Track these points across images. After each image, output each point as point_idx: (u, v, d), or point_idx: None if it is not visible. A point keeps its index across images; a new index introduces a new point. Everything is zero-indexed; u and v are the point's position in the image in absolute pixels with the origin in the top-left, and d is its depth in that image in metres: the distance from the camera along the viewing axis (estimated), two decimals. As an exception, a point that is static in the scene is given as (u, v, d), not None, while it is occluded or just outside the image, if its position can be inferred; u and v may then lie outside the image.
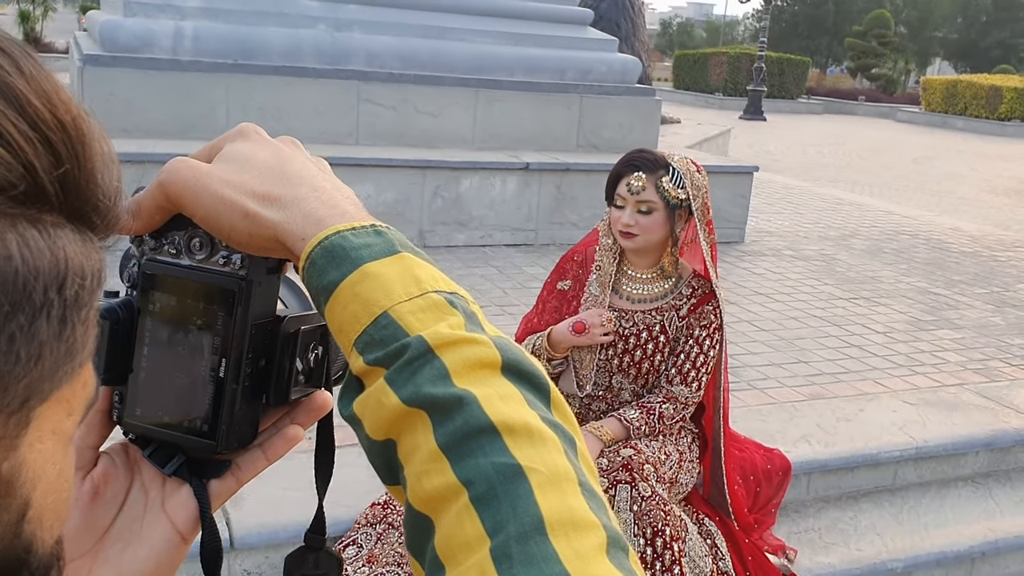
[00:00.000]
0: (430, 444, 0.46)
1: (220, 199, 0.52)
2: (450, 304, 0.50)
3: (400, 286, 0.49)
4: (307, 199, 0.52)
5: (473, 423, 0.46)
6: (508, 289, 4.95)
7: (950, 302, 5.37)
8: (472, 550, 0.43)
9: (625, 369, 2.62)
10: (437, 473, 0.45)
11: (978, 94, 26.67)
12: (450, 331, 0.48)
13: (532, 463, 0.45)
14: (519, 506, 0.43)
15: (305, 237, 0.51)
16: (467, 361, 0.48)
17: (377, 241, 0.51)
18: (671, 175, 2.53)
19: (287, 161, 0.54)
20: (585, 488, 0.45)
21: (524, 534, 0.42)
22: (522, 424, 0.46)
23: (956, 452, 3.40)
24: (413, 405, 0.47)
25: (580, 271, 2.73)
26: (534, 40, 6.44)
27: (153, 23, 5.38)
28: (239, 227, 0.52)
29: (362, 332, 0.49)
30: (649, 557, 2.32)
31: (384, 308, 0.49)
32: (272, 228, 0.52)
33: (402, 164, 5.52)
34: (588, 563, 0.42)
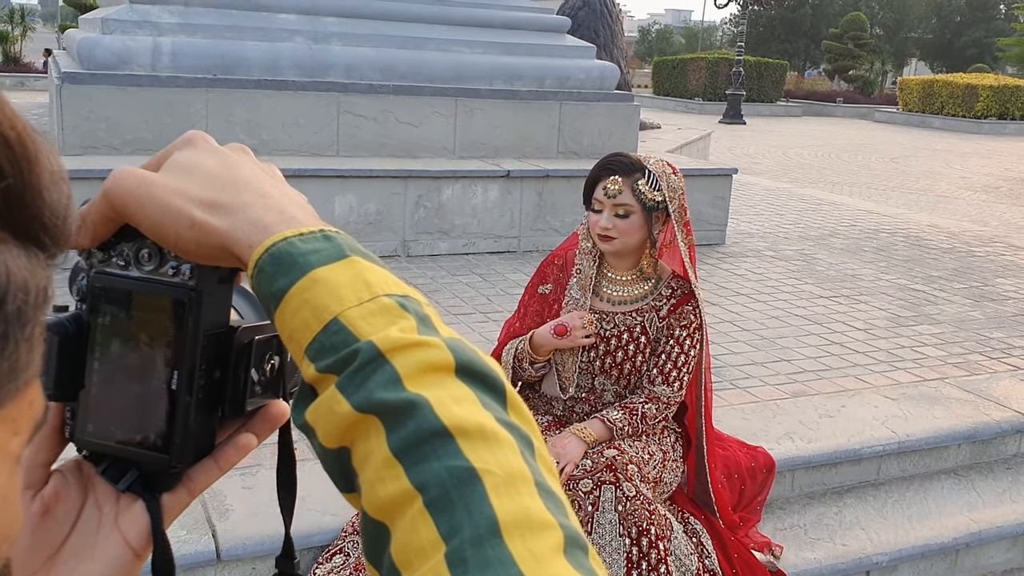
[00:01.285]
0: (383, 450, 0.45)
1: (166, 208, 0.51)
2: (401, 307, 0.49)
3: (350, 291, 0.49)
4: (253, 205, 0.52)
5: (426, 427, 0.45)
6: (492, 296, 4.97)
7: (929, 298, 5.43)
8: (427, 556, 0.43)
9: (607, 370, 2.64)
10: (391, 479, 0.45)
11: (954, 93, 26.92)
12: (401, 335, 0.48)
13: (486, 465, 0.44)
14: (473, 509, 0.43)
15: (252, 244, 0.50)
16: (419, 365, 0.47)
17: (326, 246, 0.50)
18: (647, 178, 2.56)
19: (234, 168, 0.54)
20: (542, 488, 0.45)
21: (479, 537, 0.42)
22: (476, 426, 0.46)
23: (938, 445, 3.44)
24: (365, 411, 0.46)
25: (561, 275, 2.76)
26: (512, 49, 6.47)
27: (131, 40, 5.38)
28: (186, 236, 0.52)
29: (312, 339, 0.48)
30: (635, 556, 2.34)
31: (334, 314, 0.48)
32: (219, 236, 0.51)
33: (383, 174, 5.53)
34: (544, 564, 0.42)
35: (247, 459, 2.61)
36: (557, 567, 0.42)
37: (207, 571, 2.44)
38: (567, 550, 0.43)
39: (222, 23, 5.66)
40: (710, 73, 29.91)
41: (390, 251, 5.64)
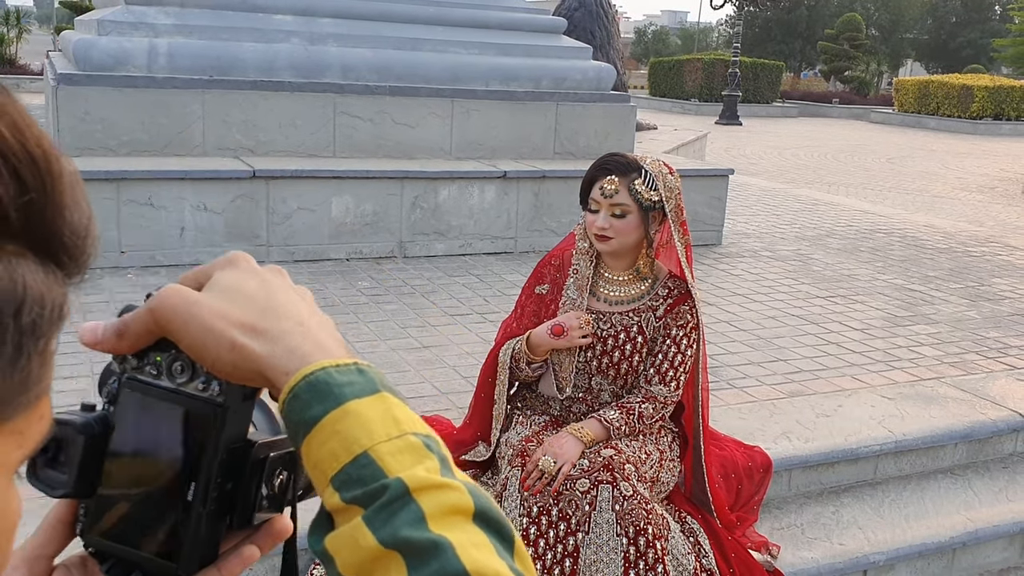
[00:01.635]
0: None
1: (208, 330, 0.52)
2: (427, 447, 0.51)
3: (380, 427, 0.50)
4: (292, 333, 0.53)
5: (449, 570, 0.46)
6: (489, 297, 4.96)
7: (926, 298, 5.44)
8: None
9: (604, 370, 2.64)
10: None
11: (950, 94, 26.96)
12: (427, 475, 0.49)
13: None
14: None
15: (288, 372, 0.52)
16: (442, 506, 0.48)
17: (360, 380, 0.52)
18: (644, 178, 2.56)
19: (274, 293, 0.55)
20: None
21: None
22: (493, 573, 0.47)
23: (935, 444, 3.44)
24: (390, 547, 0.47)
25: (558, 275, 2.76)
26: (509, 49, 6.48)
27: (127, 41, 5.37)
28: (225, 358, 0.53)
29: (340, 470, 0.49)
30: (632, 556, 2.34)
31: (364, 448, 0.49)
32: (257, 361, 0.53)
33: (380, 175, 5.53)
34: None
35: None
36: None
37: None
38: None
39: (218, 24, 5.65)
40: (706, 74, 29.91)
41: (387, 252, 5.64)
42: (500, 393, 2.76)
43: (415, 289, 5.02)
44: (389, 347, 4.07)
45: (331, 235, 5.44)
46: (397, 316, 4.52)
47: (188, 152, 5.39)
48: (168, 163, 5.13)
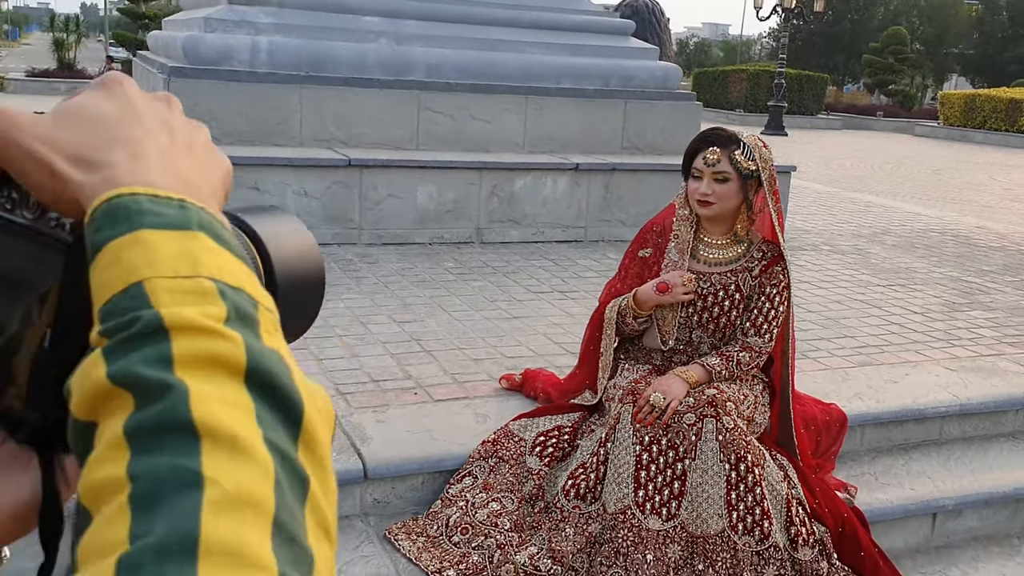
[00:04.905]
0: (118, 430, 0.39)
1: (28, 154, 0.48)
2: (221, 295, 0.43)
3: (169, 261, 0.43)
4: (119, 165, 0.47)
5: (170, 416, 0.39)
6: (566, 278, 5.29)
7: (982, 288, 5.68)
8: (104, 555, 0.36)
9: (704, 324, 2.95)
10: (110, 462, 0.39)
11: (997, 107, 26.85)
12: (196, 317, 0.41)
13: (216, 476, 0.37)
14: (176, 517, 0.36)
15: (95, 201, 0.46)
16: (199, 353, 0.40)
17: (173, 213, 0.45)
18: (742, 149, 2.88)
19: (125, 123, 0.49)
20: (280, 529, 0.37)
21: (165, 549, 0.35)
22: (229, 434, 0.39)
23: (997, 410, 3.70)
24: (118, 383, 0.40)
25: (660, 240, 3.08)
26: (580, 50, 6.82)
27: (231, 38, 5.79)
28: (46, 186, 0.48)
29: (109, 299, 0.43)
30: (734, 479, 2.65)
31: (140, 278, 0.42)
32: (74, 191, 0.47)
33: (461, 165, 5.89)
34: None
35: (377, 399, 3.07)
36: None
37: (355, 488, 2.79)
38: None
39: (313, 24, 6.06)
40: (751, 85, 30.06)
41: (465, 238, 5.99)
42: (607, 346, 3.08)
43: (496, 270, 5.37)
44: (483, 316, 4.41)
45: (416, 221, 5.80)
46: (484, 292, 4.86)
47: (286, 143, 5.79)
48: (272, 151, 5.53)
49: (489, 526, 2.72)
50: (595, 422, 3.05)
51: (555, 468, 2.91)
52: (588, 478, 2.75)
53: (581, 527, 2.69)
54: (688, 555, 2.64)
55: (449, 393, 3.33)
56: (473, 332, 4.13)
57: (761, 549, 2.64)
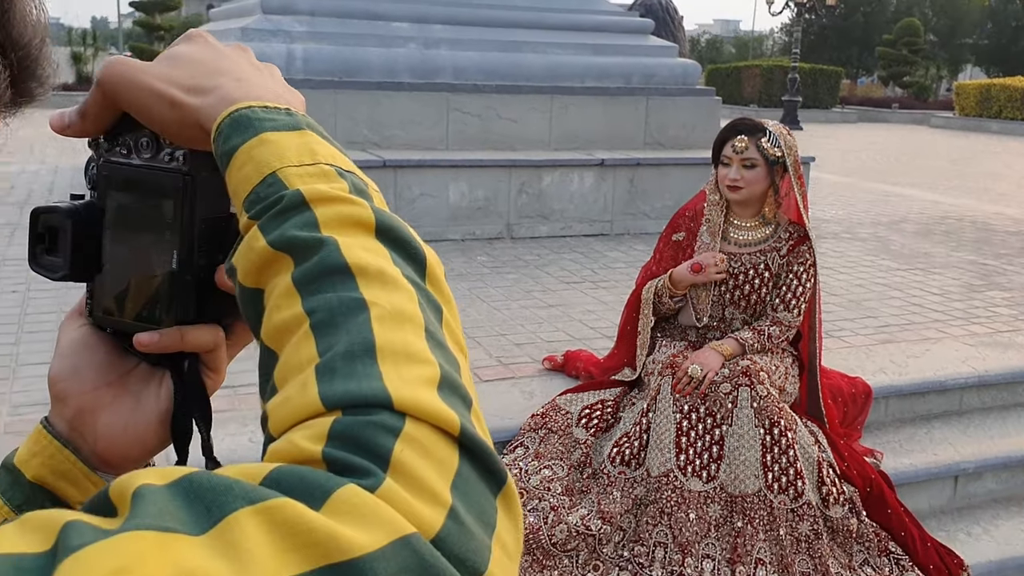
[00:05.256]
0: (286, 282, 0.47)
1: (150, 91, 0.55)
2: (339, 175, 0.51)
3: (294, 154, 0.51)
4: (226, 86, 0.55)
5: (329, 263, 0.47)
6: (596, 269, 5.50)
7: (999, 270, 5.85)
8: (302, 370, 0.44)
9: (736, 302, 3.16)
10: (287, 307, 0.46)
11: (1012, 96, 26.83)
12: (328, 189, 0.50)
13: (376, 299, 0.45)
14: (353, 331, 0.44)
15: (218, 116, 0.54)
16: (338, 215, 0.49)
17: (284, 118, 0.53)
18: (768, 137, 3.09)
19: (220, 59, 0.58)
20: (432, 336, 0.45)
21: (351, 353, 0.43)
22: (377, 269, 0.47)
23: (1014, 381, 3.89)
24: (278, 248, 0.48)
25: (692, 224, 3.29)
26: (601, 49, 7.04)
27: (267, 47, 6.04)
28: (168, 117, 0.56)
29: (251, 191, 0.51)
30: (768, 443, 2.86)
31: (273, 169, 0.50)
32: (194, 113, 0.55)
33: (491, 164, 6.12)
34: (410, 387, 0.42)
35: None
36: (424, 394, 0.42)
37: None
38: (441, 388, 0.43)
39: (345, 31, 6.31)
40: (765, 80, 30.15)
41: (495, 233, 6.22)
42: (644, 325, 3.30)
43: (528, 263, 5.59)
44: (520, 305, 4.63)
45: (449, 218, 6.04)
46: (519, 284, 5.08)
47: (323, 145, 6.03)
48: (310, 153, 5.78)
49: (542, 490, 2.94)
50: (635, 396, 3.26)
51: (600, 438, 3.13)
52: (632, 445, 2.97)
53: (627, 490, 2.91)
54: (728, 513, 2.85)
55: (496, 374, 3.56)
56: (512, 320, 4.35)
57: (795, 507, 2.85)
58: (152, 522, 0.34)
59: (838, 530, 2.91)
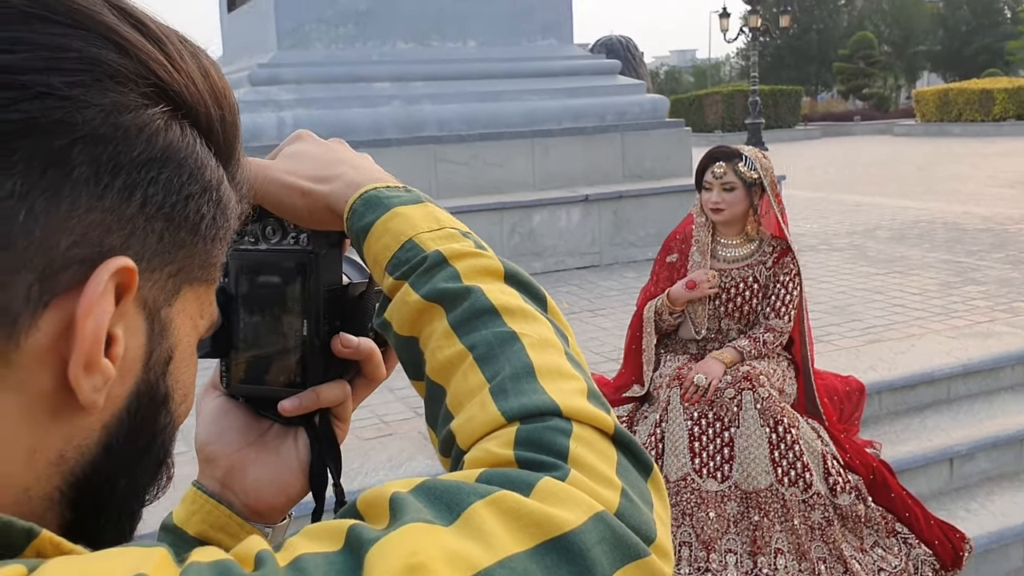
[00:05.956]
0: (444, 326, 0.55)
1: (282, 185, 0.64)
2: (463, 235, 0.60)
3: (423, 222, 0.60)
4: (348, 174, 0.64)
5: (478, 306, 0.55)
6: (592, 299, 5.76)
7: (972, 267, 6.15)
8: (474, 394, 0.52)
9: (731, 313, 3.42)
10: (448, 346, 0.55)
11: (970, 99, 27.51)
12: (461, 247, 0.58)
13: (525, 331, 0.54)
14: (512, 358, 0.52)
15: (348, 199, 0.62)
16: (475, 267, 0.57)
17: (406, 194, 0.62)
18: (745, 161, 3.37)
19: (333, 152, 0.67)
20: (570, 358, 0.55)
21: (517, 375, 0.51)
22: (518, 307, 0.56)
23: (996, 367, 4.15)
24: (430, 299, 0.56)
25: (683, 246, 3.56)
26: (575, 92, 7.37)
27: (259, 117, 6.32)
28: (299, 205, 0.64)
29: (392, 257, 0.58)
30: (774, 440, 3.09)
31: (409, 236, 0.58)
32: (324, 199, 0.63)
33: (483, 208, 6.39)
34: (570, 398, 0.51)
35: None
36: (580, 402, 0.51)
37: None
38: (589, 397, 0.52)
39: (331, 95, 6.61)
40: (727, 106, 30.77)
41: (492, 275, 6.47)
42: (648, 342, 3.54)
43: (526, 300, 5.83)
44: (526, 340, 4.86)
45: (446, 264, 6.29)
46: (521, 320, 5.32)
47: (319, 205, 6.29)
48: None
49: (571, 504, 3.15)
50: (647, 410, 3.50)
51: (619, 452, 3.35)
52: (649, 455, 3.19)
53: (649, 497, 3.13)
54: (744, 509, 3.08)
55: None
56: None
57: (806, 497, 3.08)
58: (417, 516, 0.42)
59: (848, 516, 3.14)
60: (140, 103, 0.42)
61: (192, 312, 0.47)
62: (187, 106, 0.45)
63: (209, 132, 0.46)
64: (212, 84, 0.46)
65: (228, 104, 0.48)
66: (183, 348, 0.47)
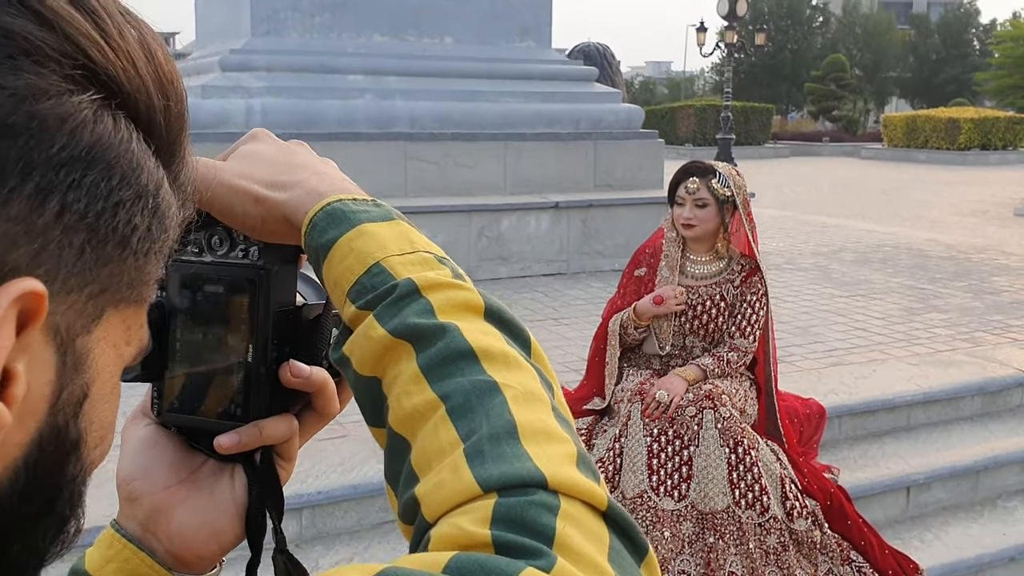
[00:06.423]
0: (412, 368, 0.48)
1: (233, 189, 0.56)
2: (440, 261, 0.54)
3: (394, 243, 0.53)
4: (309, 180, 0.57)
5: (453, 347, 0.48)
6: (557, 307, 5.71)
7: (935, 294, 6.19)
8: (446, 454, 0.45)
9: (696, 331, 3.38)
10: (417, 393, 0.47)
11: (937, 127, 27.95)
12: (436, 276, 0.52)
13: (507, 381, 0.47)
14: (493, 414, 0.45)
15: (308, 210, 0.55)
16: (451, 301, 0.50)
17: (375, 209, 0.55)
18: (718, 178, 3.33)
19: (293, 155, 0.60)
20: (557, 413, 0.48)
21: (496, 435, 0.44)
22: (500, 352, 0.49)
23: (956, 396, 4.16)
24: (398, 336, 0.49)
25: (652, 260, 3.51)
26: (551, 97, 7.32)
27: (227, 103, 6.19)
28: (252, 212, 0.57)
29: (355, 282, 0.51)
30: (734, 461, 3.06)
31: (377, 259, 0.52)
32: (280, 208, 0.56)
33: (451, 209, 6.32)
34: (557, 465, 0.44)
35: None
36: (570, 471, 0.44)
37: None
38: (579, 464, 0.45)
39: (302, 85, 6.49)
40: (699, 119, 30.96)
41: (457, 277, 6.39)
42: (612, 355, 3.49)
43: (490, 304, 5.76)
44: (487, 345, 4.79)
45: (410, 263, 6.20)
46: (484, 324, 5.25)
47: (284, 196, 6.17)
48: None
49: (525, 517, 3.09)
50: (607, 423, 3.44)
51: (576, 465, 3.29)
52: (606, 470, 3.14)
53: (605, 513, 3.07)
54: (700, 530, 3.04)
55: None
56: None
57: (762, 521, 3.04)
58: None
59: (803, 542, 3.10)
60: (63, 88, 0.34)
61: (117, 338, 0.40)
62: (123, 94, 0.37)
63: (149, 125, 0.38)
64: (157, 67, 0.38)
65: (175, 92, 0.40)
66: (103, 382, 0.39)
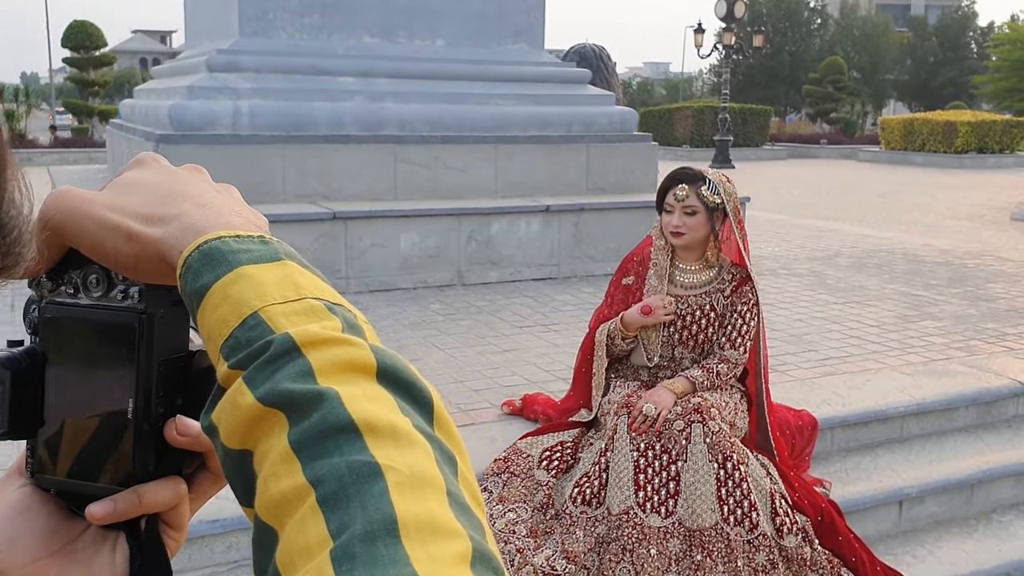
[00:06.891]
0: (282, 445, 0.41)
1: (102, 224, 0.50)
2: (329, 311, 0.46)
3: (276, 289, 0.46)
4: (189, 213, 0.50)
5: (331, 420, 0.41)
6: (547, 313, 5.63)
7: (930, 301, 6.12)
8: (312, 555, 0.38)
9: (685, 342, 3.30)
10: (286, 475, 0.40)
11: (934, 130, 27.91)
12: (320, 330, 0.44)
13: (392, 463, 0.40)
14: (369, 505, 0.38)
15: (183, 248, 0.48)
16: (335, 361, 0.43)
17: (260, 248, 0.48)
18: (708, 185, 3.26)
19: (176, 183, 0.53)
20: (454, 499, 0.40)
21: (371, 534, 0.37)
22: (387, 424, 0.41)
23: (950, 407, 4.08)
24: (269, 404, 0.42)
25: (640, 268, 3.43)
26: (543, 99, 7.24)
27: (214, 104, 6.11)
28: (124, 251, 0.50)
29: (229, 335, 0.45)
30: (722, 476, 2.98)
31: (255, 309, 0.45)
32: (155, 246, 0.49)
33: (441, 213, 6.24)
34: (444, 569, 0.36)
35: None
36: (459, 574, 0.37)
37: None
38: (475, 564, 0.38)
39: (291, 87, 6.41)
40: (696, 121, 30.92)
41: (447, 281, 6.31)
42: (599, 366, 3.41)
43: (480, 309, 5.69)
44: (476, 352, 4.72)
45: (400, 267, 6.12)
46: (473, 330, 5.18)
47: (271, 200, 6.09)
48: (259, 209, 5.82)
49: (508, 533, 3.01)
50: (593, 436, 3.37)
51: (561, 479, 3.22)
52: (592, 485, 3.06)
53: (589, 529, 3.00)
54: (687, 547, 2.96)
55: (457, 421, 3.63)
56: (469, 366, 4.44)
57: (751, 538, 2.96)
58: None
59: (793, 559, 3.03)
60: None
61: None
62: None
63: None
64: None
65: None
66: None
